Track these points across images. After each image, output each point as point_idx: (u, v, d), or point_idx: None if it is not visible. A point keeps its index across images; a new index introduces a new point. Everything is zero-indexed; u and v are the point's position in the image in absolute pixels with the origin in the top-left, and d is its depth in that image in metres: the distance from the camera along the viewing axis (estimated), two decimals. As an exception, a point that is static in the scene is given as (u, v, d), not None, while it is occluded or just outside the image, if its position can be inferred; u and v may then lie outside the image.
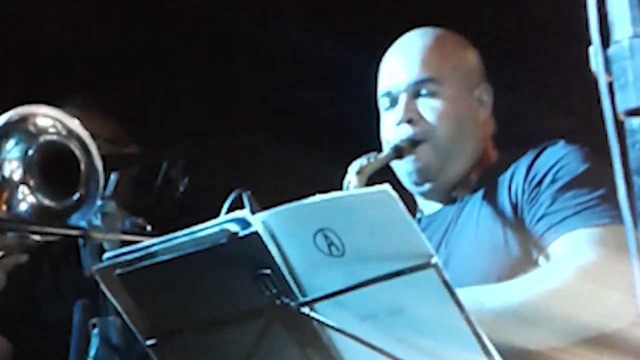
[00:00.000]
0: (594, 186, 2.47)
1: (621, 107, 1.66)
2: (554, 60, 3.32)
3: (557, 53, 3.22)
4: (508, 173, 2.63)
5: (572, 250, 2.44)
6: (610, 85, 1.68)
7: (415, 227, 1.88)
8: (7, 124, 2.63)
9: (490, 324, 2.28)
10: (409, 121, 2.70)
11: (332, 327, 1.97)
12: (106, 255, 2.02)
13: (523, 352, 2.36)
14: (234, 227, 1.93)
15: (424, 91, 2.71)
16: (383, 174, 2.52)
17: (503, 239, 2.55)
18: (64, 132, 2.62)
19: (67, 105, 3.20)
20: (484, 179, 2.70)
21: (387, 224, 1.87)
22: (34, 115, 2.64)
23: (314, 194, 1.91)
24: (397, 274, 1.89)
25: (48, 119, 2.64)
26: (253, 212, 1.94)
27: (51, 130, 2.64)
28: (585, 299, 2.35)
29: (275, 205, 1.95)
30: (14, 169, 2.66)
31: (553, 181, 2.53)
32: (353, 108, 3.39)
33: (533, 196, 2.54)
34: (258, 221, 1.93)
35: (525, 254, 2.51)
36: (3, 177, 2.66)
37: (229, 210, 2.21)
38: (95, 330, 2.18)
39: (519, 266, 2.49)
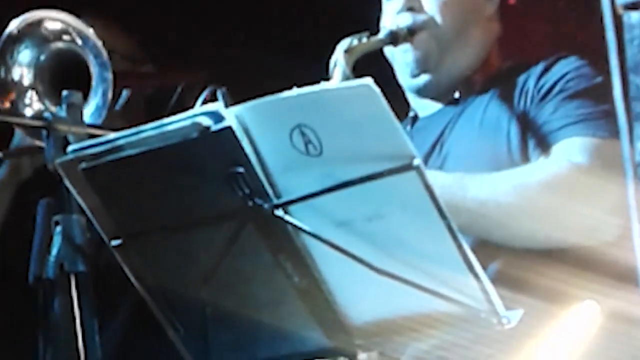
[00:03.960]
0: (600, 100, 2.42)
1: (620, -1, 1.58)
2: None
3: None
4: (520, 80, 2.57)
5: (565, 155, 2.39)
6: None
7: (397, 126, 1.78)
8: (20, 27, 2.61)
9: (471, 213, 2.27)
10: (410, 9, 2.62)
11: (306, 232, 1.89)
12: (70, 147, 1.93)
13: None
14: (206, 121, 1.83)
15: None
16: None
17: (506, 145, 2.48)
18: (77, 40, 2.59)
19: (85, 16, 3.12)
20: (490, 82, 2.63)
21: (368, 121, 1.77)
22: (48, 20, 2.60)
23: (291, 88, 1.82)
24: (377, 175, 1.80)
25: (62, 24, 2.61)
26: (227, 107, 1.85)
27: (64, 37, 2.61)
28: (573, 197, 2.29)
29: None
30: (24, 74, 2.64)
31: (560, 91, 2.49)
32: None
33: (540, 104, 2.49)
34: (231, 115, 1.83)
35: (527, 162, 2.44)
36: (12, 79, 2.62)
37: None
38: (58, 229, 2.09)
39: None
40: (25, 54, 2.62)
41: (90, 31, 2.59)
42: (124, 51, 3.15)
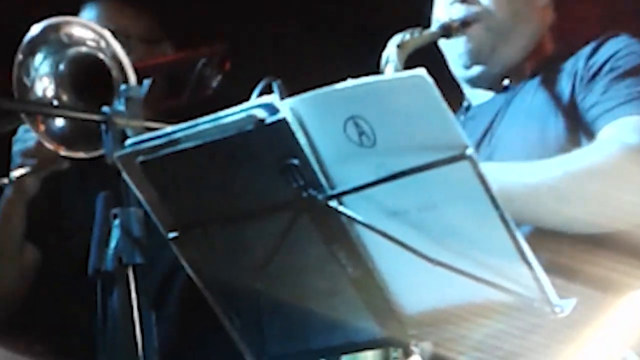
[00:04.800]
0: None
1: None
2: None
3: None
4: (569, 62, 2.56)
5: (617, 135, 2.36)
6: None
7: (450, 115, 1.79)
8: (34, 38, 2.59)
9: (523, 199, 2.26)
10: (463, 1, 2.61)
11: (360, 223, 1.90)
12: (128, 141, 1.96)
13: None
14: (261, 113, 1.85)
15: None
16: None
17: (554, 129, 2.47)
18: (93, 43, 2.56)
19: (97, 2, 3.13)
20: (540, 68, 2.63)
21: (421, 112, 1.78)
22: (61, 26, 2.58)
23: (345, 79, 1.83)
24: (430, 166, 1.81)
25: (76, 29, 2.58)
26: (282, 99, 1.87)
27: (80, 41, 2.58)
28: (626, 180, 2.27)
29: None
30: (46, 86, 2.63)
31: (610, 70, 2.47)
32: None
33: (589, 84, 2.48)
34: (286, 107, 1.85)
35: (576, 146, 2.43)
36: (36, 97, 2.61)
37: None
38: (117, 222, 2.12)
39: None
40: (43, 65, 2.61)
41: (106, 33, 2.56)
42: (140, 34, 3.14)
